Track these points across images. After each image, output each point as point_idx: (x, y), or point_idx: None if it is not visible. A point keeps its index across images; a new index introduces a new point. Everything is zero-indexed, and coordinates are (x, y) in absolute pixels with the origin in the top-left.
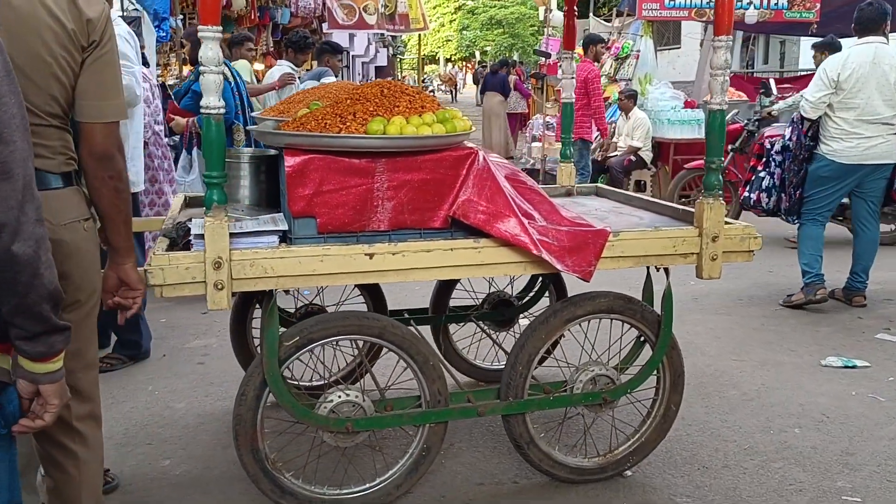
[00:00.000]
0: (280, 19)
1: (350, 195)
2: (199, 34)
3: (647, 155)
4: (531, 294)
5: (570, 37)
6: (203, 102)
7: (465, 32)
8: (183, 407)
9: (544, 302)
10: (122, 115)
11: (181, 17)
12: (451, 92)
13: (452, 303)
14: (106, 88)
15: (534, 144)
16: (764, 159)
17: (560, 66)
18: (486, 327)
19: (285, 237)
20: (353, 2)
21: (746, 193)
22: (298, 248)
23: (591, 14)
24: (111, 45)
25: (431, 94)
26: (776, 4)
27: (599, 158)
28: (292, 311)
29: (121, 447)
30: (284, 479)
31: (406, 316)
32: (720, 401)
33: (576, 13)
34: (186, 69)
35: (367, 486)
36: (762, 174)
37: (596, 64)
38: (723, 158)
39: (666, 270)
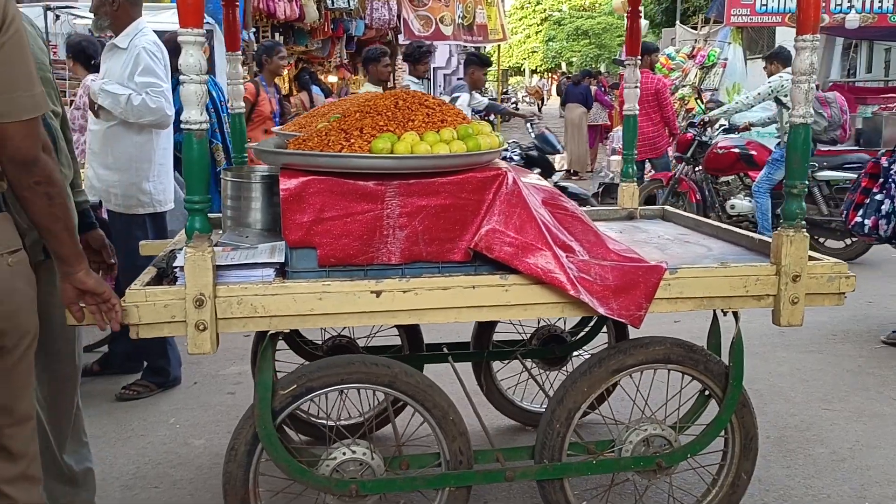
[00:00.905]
0: (354, 31)
1: (356, 223)
2: (179, 38)
3: None
4: (586, 330)
5: (634, 41)
6: (184, 117)
7: (551, 44)
8: (202, 444)
9: (602, 338)
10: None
11: (253, 30)
12: (538, 104)
13: (497, 336)
14: (15, 79)
15: (612, 158)
16: (881, 180)
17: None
18: (532, 365)
19: (285, 271)
20: (429, 13)
21: (859, 219)
22: (293, 284)
23: (678, 22)
24: (16, 27)
25: (514, 105)
26: (880, 8)
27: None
28: (319, 342)
29: (126, 490)
30: None
31: (445, 351)
32: (805, 460)
33: (640, 15)
34: None
35: None
36: (879, 197)
37: (653, 73)
38: (806, 181)
39: (735, 315)
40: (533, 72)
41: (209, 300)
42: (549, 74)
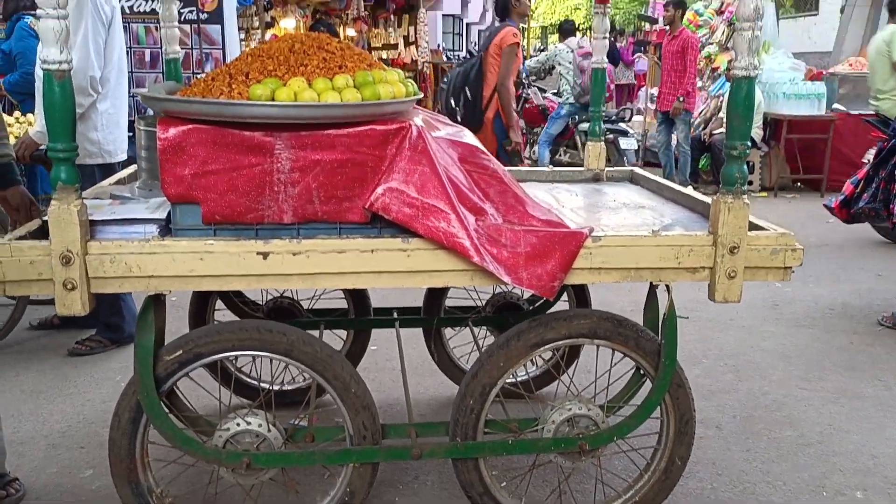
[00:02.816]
0: None
1: (242, 177)
2: None
3: (756, 133)
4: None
5: None
6: (42, 55)
7: None
8: None
9: (562, 307)
10: None
11: None
12: None
13: (451, 302)
14: None
15: (636, 119)
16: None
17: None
18: (487, 334)
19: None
20: None
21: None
22: (172, 243)
23: None
24: None
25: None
26: None
27: (704, 137)
28: (262, 303)
29: (51, 448)
30: None
31: (394, 317)
32: (768, 444)
33: None
34: (269, 33)
35: None
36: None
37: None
38: (747, 143)
39: (667, 287)
40: (576, 28)
41: (77, 257)
42: (592, 32)
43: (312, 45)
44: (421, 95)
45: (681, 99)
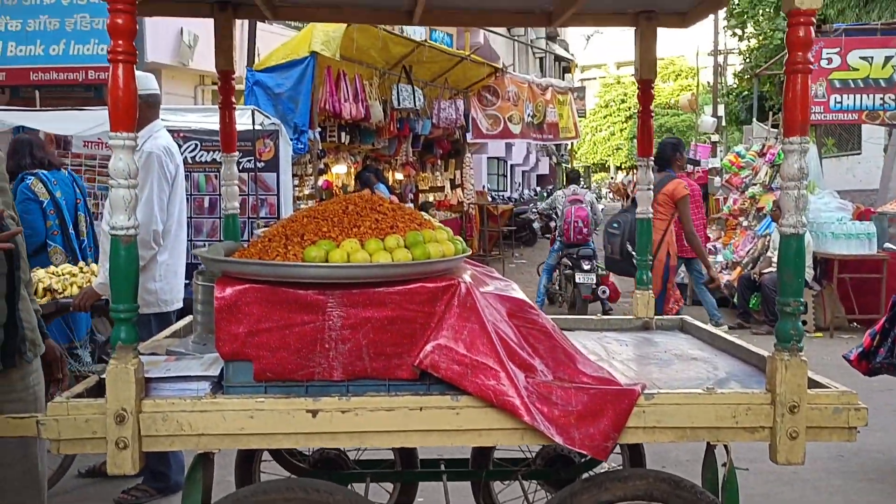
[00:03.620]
0: (420, 130)
1: (294, 335)
2: (110, 142)
3: (807, 273)
4: None
5: (645, 140)
6: (111, 222)
7: (636, 141)
8: None
9: (615, 460)
10: None
11: (319, 129)
12: (622, 203)
13: (500, 454)
14: None
15: None
16: None
17: (636, 174)
18: (537, 488)
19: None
20: (498, 111)
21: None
22: (223, 400)
23: (754, 119)
24: None
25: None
26: None
27: (753, 276)
28: (308, 453)
29: None
30: None
31: (441, 469)
32: None
33: (652, 114)
34: (322, 179)
35: None
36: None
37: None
38: (801, 299)
39: (725, 448)
40: (618, 168)
41: (131, 416)
42: (634, 171)
43: (365, 206)
44: (469, 252)
45: None
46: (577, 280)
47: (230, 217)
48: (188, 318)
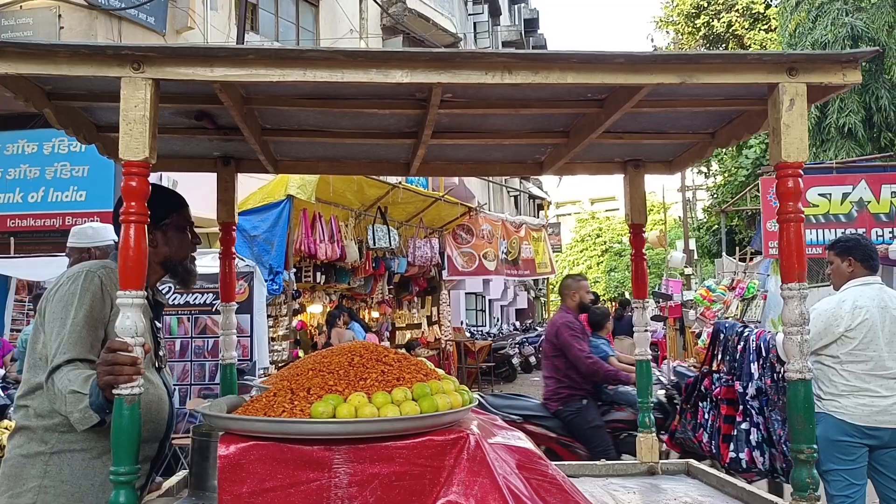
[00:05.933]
0: (396, 269)
1: (299, 494)
2: (118, 301)
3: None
4: None
5: (640, 283)
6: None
7: (612, 273)
8: None
9: None
10: None
11: (295, 270)
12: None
13: None
14: None
15: (659, 392)
16: (740, 407)
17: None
18: None
19: None
20: (473, 249)
21: (733, 454)
22: None
23: (723, 253)
24: None
25: None
26: None
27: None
28: None
29: None
30: None
31: None
32: None
33: (645, 257)
34: (297, 320)
35: None
36: (744, 426)
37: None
38: (814, 446)
39: None
40: (595, 301)
41: None
42: (612, 303)
43: (371, 357)
44: (477, 401)
45: None
46: None
47: (227, 367)
48: (182, 474)
